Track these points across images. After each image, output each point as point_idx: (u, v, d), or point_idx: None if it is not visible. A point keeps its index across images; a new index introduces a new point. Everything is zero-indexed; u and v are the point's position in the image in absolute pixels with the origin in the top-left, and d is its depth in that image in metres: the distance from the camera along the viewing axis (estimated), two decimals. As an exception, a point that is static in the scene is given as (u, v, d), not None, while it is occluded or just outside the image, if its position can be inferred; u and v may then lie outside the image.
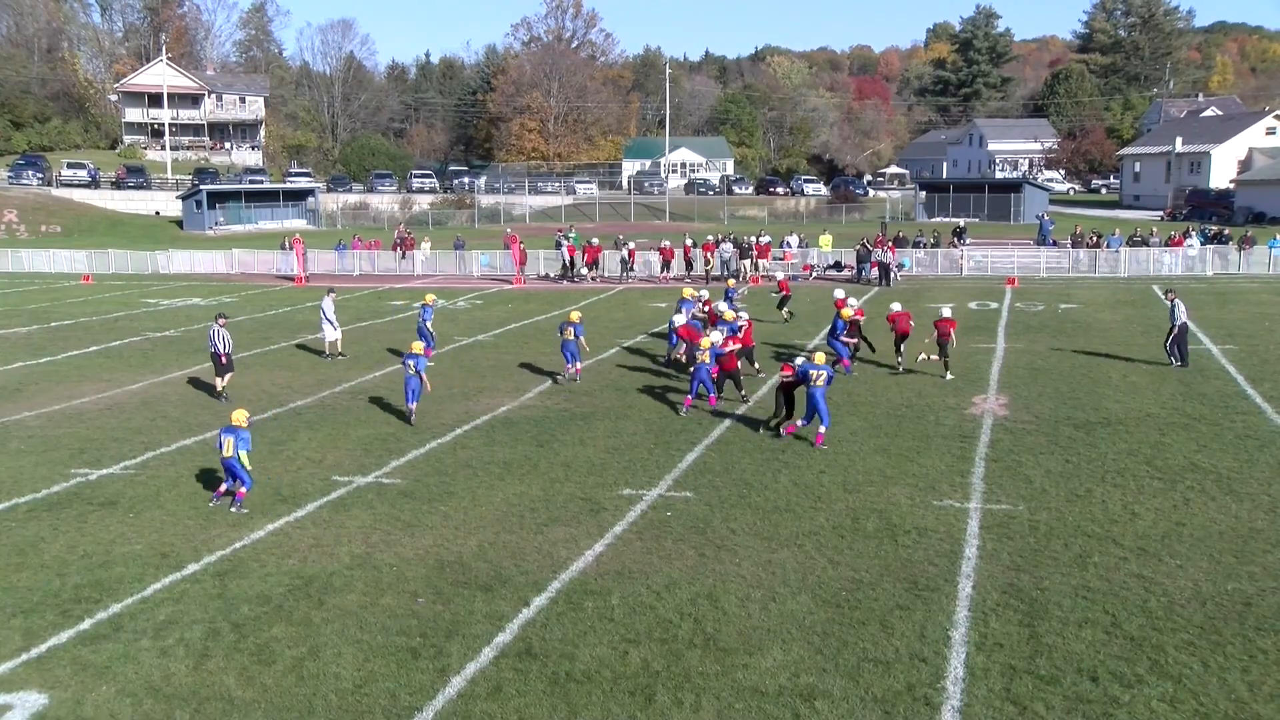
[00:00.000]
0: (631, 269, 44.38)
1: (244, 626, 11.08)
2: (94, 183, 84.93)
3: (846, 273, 43.70)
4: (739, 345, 20.95)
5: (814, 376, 17.15)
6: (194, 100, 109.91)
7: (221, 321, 22.39)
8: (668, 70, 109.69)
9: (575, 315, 23.09)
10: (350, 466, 16.81)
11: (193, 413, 20.73)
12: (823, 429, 17.27)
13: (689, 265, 44.20)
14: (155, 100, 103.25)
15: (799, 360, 18.20)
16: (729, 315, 22.44)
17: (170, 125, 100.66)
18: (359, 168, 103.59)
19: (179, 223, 73.96)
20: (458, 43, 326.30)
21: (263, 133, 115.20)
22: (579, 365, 22.87)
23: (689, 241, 45.47)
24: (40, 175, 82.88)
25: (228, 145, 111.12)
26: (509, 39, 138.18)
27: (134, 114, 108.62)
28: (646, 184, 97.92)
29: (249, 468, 14.75)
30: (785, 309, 31.26)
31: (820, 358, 18.03)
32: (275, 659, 10.37)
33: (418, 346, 20.47)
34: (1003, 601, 11.33)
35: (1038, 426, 18.45)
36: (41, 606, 11.63)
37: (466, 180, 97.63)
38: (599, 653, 10.38)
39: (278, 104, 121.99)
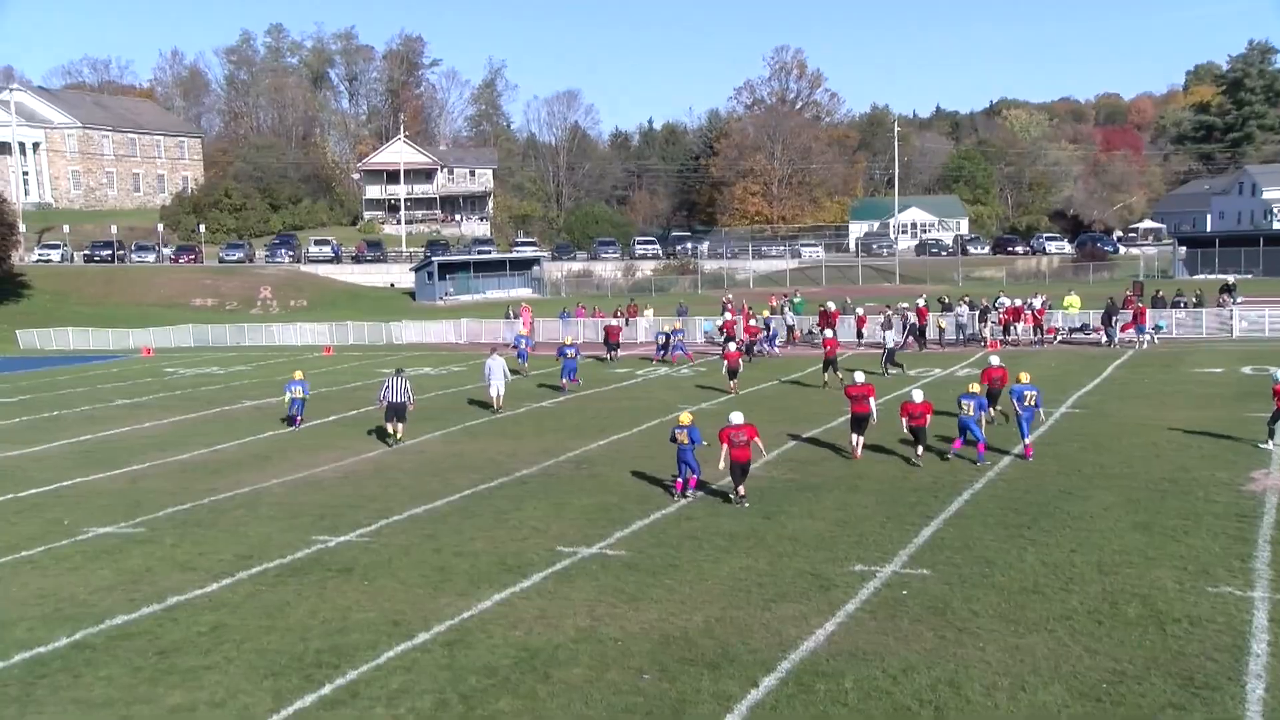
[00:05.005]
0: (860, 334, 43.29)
1: (471, 698, 11.01)
2: (336, 258, 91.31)
3: (1095, 335, 41.30)
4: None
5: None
6: (427, 175, 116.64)
7: (403, 376, 25.64)
8: (896, 128, 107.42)
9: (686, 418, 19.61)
10: (574, 537, 16.75)
11: (421, 480, 21.29)
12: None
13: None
14: (393, 177, 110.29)
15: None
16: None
17: (405, 200, 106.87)
18: (583, 235, 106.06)
19: (411, 294, 77.83)
20: (680, 108, 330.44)
21: (491, 204, 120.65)
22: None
23: (832, 306, 43.93)
24: (291, 253, 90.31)
25: (458, 217, 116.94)
26: (731, 102, 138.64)
27: (373, 190, 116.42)
28: (874, 245, 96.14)
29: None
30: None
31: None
32: (502, 735, 10.22)
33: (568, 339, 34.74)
34: (1300, 707, 9.98)
35: (1330, 505, 16.53)
36: (288, 670, 11.94)
37: (689, 245, 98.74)
38: (834, 744, 9.73)
39: (505, 175, 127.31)
